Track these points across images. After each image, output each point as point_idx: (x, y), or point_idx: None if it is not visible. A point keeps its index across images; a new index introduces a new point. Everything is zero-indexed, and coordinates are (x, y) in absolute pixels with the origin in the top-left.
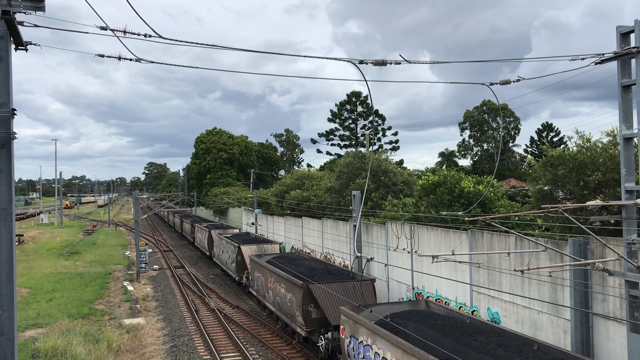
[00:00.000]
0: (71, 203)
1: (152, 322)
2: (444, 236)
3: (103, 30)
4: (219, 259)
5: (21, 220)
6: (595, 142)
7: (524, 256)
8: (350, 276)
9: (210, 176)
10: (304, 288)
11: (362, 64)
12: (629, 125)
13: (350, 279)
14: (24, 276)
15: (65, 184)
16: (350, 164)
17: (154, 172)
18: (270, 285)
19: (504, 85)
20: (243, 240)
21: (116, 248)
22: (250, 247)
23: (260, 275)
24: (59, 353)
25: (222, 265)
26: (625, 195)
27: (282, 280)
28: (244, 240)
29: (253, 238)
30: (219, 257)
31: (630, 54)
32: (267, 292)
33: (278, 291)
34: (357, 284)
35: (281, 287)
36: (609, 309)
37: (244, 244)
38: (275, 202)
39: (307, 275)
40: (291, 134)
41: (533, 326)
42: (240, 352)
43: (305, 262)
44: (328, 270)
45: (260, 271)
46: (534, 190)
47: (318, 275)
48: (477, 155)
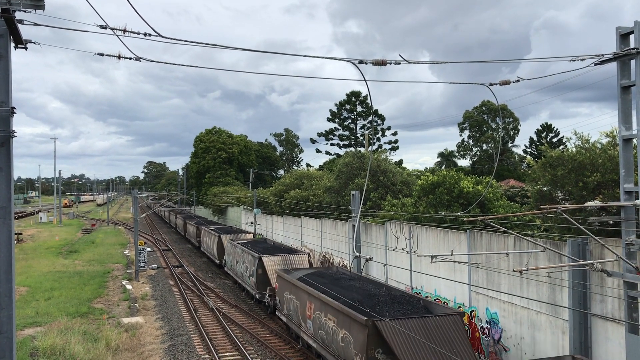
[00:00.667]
0: (70, 202)
1: (150, 321)
2: (443, 236)
3: (103, 29)
4: (233, 270)
5: (20, 219)
6: (594, 143)
7: (523, 256)
8: (422, 305)
9: (209, 175)
10: (369, 326)
11: (361, 64)
12: (628, 126)
13: (431, 313)
14: (23, 275)
15: (65, 182)
16: (350, 163)
17: (153, 171)
18: (309, 314)
19: (503, 85)
20: (263, 249)
21: (115, 247)
22: (273, 258)
23: (293, 297)
24: (58, 351)
25: (236, 277)
26: (624, 196)
27: (330, 310)
28: (264, 249)
29: (274, 246)
30: (233, 268)
31: (630, 55)
32: (304, 321)
33: (323, 324)
34: (442, 320)
35: (328, 319)
36: (608, 309)
37: (266, 254)
38: (275, 202)
39: (367, 303)
40: (290, 134)
41: (532, 327)
42: (239, 351)
43: (355, 282)
44: (392, 297)
45: (293, 292)
46: (533, 190)
47: (381, 305)
48: (476, 156)
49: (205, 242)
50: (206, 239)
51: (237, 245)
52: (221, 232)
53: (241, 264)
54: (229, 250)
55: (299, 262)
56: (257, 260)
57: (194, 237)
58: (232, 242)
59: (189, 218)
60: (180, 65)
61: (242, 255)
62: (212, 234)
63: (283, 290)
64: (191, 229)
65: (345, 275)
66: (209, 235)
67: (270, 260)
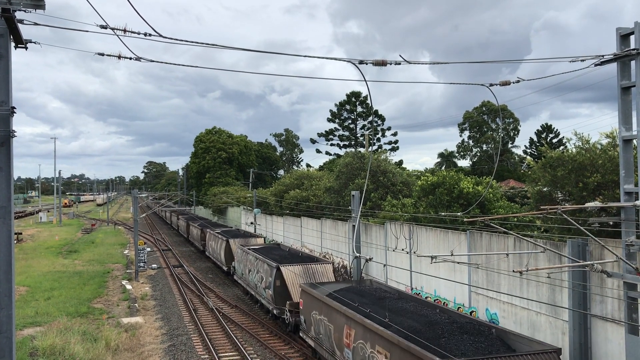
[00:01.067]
0: (70, 202)
1: (150, 321)
2: (443, 237)
3: (103, 29)
4: (245, 279)
5: (20, 219)
6: (594, 143)
7: (523, 257)
8: (496, 336)
9: (209, 175)
10: None
11: (362, 64)
12: (629, 127)
13: (513, 351)
14: (23, 274)
15: (64, 182)
16: (350, 164)
17: (153, 171)
18: (347, 341)
19: (503, 86)
20: (280, 258)
21: (115, 247)
22: (292, 268)
23: (325, 319)
24: (57, 351)
25: (248, 288)
26: (624, 197)
27: (381, 341)
28: (282, 258)
29: (291, 253)
30: (244, 277)
31: (630, 56)
32: (339, 350)
33: (369, 356)
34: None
35: (378, 353)
36: (607, 310)
37: (284, 263)
38: (275, 202)
39: (428, 334)
40: (290, 134)
41: (531, 327)
42: (239, 351)
43: (405, 303)
44: (458, 325)
45: (324, 312)
46: (533, 191)
47: (447, 336)
48: (476, 156)
49: (211, 246)
50: (212, 243)
51: (249, 251)
52: (229, 235)
53: (254, 274)
54: (240, 257)
55: (322, 272)
56: (275, 271)
57: (197, 240)
58: (242, 247)
59: (192, 220)
60: (181, 65)
61: (255, 263)
62: (219, 237)
63: (310, 309)
64: (195, 232)
65: (388, 294)
66: (215, 239)
67: (289, 271)
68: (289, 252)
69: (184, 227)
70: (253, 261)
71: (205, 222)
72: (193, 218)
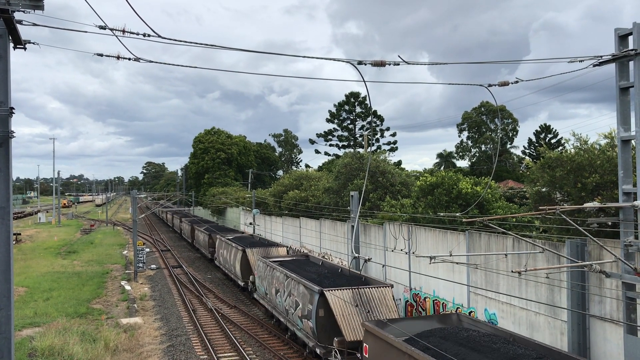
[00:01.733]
0: (69, 202)
1: (149, 322)
2: (442, 237)
3: (102, 29)
4: (270, 301)
5: (19, 219)
6: (592, 144)
7: (522, 257)
8: None
9: (208, 176)
10: None
11: (360, 65)
12: (627, 127)
13: None
14: (21, 275)
15: (63, 183)
16: (349, 164)
17: (152, 172)
18: None
19: (502, 86)
20: (319, 277)
21: (114, 247)
22: (340, 293)
23: None
24: (56, 352)
25: (275, 312)
26: (622, 198)
27: None
28: (321, 277)
29: (332, 271)
30: (269, 297)
31: (628, 57)
32: None
33: None
34: None
35: None
36: (606, 310)
37: (328, 286)
38: (274, 202)
39: None
40: (290, 134)
41: (530, 327)
42: (238, 352)
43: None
44: None
45: None
46: (531, 191)
47: None
48: (475, 157)
49: (222, 255)
50: (224, 252)
51: (275, 266)
52: (245, 244)
53: (284, 296)
54: (262, 272)
55: (380, 298)
56: (318, 297)
57: (205, 247)
58: (265, 260)
59: (197, 223)
60: (180, 65)
61: (285, 283)
62: (233, 246)
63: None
64: (201, 237)
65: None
66: (228, 248)
67: (337, 298)
68: (325, 267)
69: (188, 232)
70: (282, 279)
71: (212, 227)
72: (198, 221)
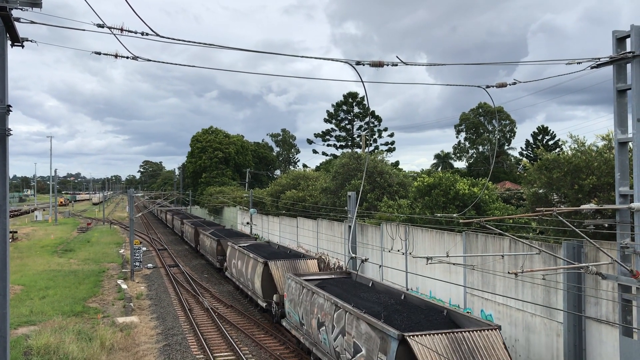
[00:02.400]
0: (66, 200)
1: (145, 321)
2: (439, 238)
3: (100, 27)
4: (307, 333)
5: (15, 217)
6: (590, 146)
7: (518, 259)
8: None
9: (205, 175)
10: None
11: (359, 65)
12: (624, 129)
13: None
14: (18, 273)
15: (60, 181)
16: (346, 164)
17: (150, 171)
18: None
19: (500, 88)
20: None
21: (110, 246)
22: (432, 340)
23: None
24: (52, 351)
25: (316, 349)
26: (619, 200)
27: None
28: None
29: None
30: (307, 329)
31: (626, 59)
32: None
33: None
34: None
35: None
36: (602, 312)
37: (411, 328)
38: (271, 202)
39: None
40: (287, 134)
41: (526, 329)
42: (234, 351)
43: None
44: None
45: None
46: (528, 193)
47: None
48: (472, 158)
49: (236, 266)
50: (237, 263)
51: (316, 290)
52: (266, 255)
53: (333, 332)
54: (297, 296)
55: (487, 347)
56: (397, 346)
57: (212, 254)
58: (299, 280)
59: (202, 226)
60: (178, 64)
61: (335, 315)
62: (251, 257)
63: None
64: (207, 242)
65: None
66: (243, 258)
67: (428, 350)
68: (380, 291)
69: (191, 235)
70: (328, 309)
71: (219, 231)
72: (202, 224)
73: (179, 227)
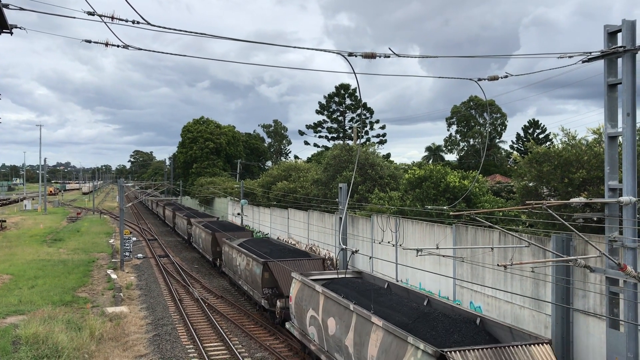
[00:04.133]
0: (55, 190)
1: (135, 311)
2: (429, 230)
3: (90, 15)
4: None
5: (4, 206)
6: (580, 139)
7: (508, 251)
8: None
9: (196, 165)
10: None
11: (351, 56)
12: (614, 124)
13: None
14: (6, 262)
15: (50, 170)
16: (338, 156)
17: (140, 160)
18: None
19: (491, 81)
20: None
21: (100, 236)
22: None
23: None
24: (41, 340)
25: None
26: (608, 193)
27: None
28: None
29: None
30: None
31: (617, 53)
32: None
33: None
34: None
35: None
36: (589, 305)
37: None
38: (262, 193)
39: None
40: (279, 125)
41: (515, 321)
42: (224, 341)
43: None
44: None
45: None
46: (518, 186)
47: None
48: (463, 151)
49: (244, 270)
50: (243, 264)
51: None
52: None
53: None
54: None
55: None
56: None
57: (207, 249)
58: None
59: (208, 227)
60: (169, 54)
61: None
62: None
63: None
64: (205, 240)
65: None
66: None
67: None
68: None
69: (182, 227)
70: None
71: (217, 227)
72: (193, 215)
73: (171, 218)
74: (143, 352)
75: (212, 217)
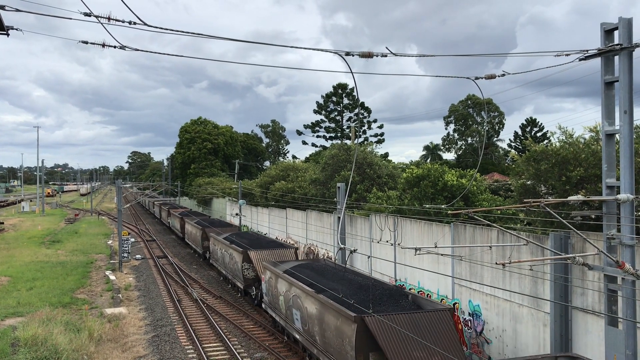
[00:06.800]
0: (53, 191)
1: (134, 312)
2: (427, 229)
3: (87, 16)
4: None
5: (2, 208)
6: (577, 137)
7: (506, 250)
8: None
9: (194, 166)
10: None
11: (348, 56)
12: (611, 121)
13: None
14: (4, 264)
15: (48, 172)
16: (336, 156)
17: (138, 161)
18: None
19: (489, 79)
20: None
21: (98, 237)
22: None
23: None
24: (39, 342)
25: None
26: (606, 191)
27: None
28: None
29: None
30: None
31: (614, 51)
32: None
33: None
34: None
35: None
36: (588, 302)
37: None
38: (260, 193)
39: None
40: (277, 125)
41: (513, 319)
42: (223, 342)
43: None
44: None
45: None
46: (516, 184)
47: None
48: (461, 149)
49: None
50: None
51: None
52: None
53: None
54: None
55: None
56: None
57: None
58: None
59: (199, 223)
60: (167, 54)
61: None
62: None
63: None
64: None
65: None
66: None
67: None
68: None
69: (193, 236)
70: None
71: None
72: (205, 223)
73: (174, 223)
74: (142, 353)
75: (204, 216)
